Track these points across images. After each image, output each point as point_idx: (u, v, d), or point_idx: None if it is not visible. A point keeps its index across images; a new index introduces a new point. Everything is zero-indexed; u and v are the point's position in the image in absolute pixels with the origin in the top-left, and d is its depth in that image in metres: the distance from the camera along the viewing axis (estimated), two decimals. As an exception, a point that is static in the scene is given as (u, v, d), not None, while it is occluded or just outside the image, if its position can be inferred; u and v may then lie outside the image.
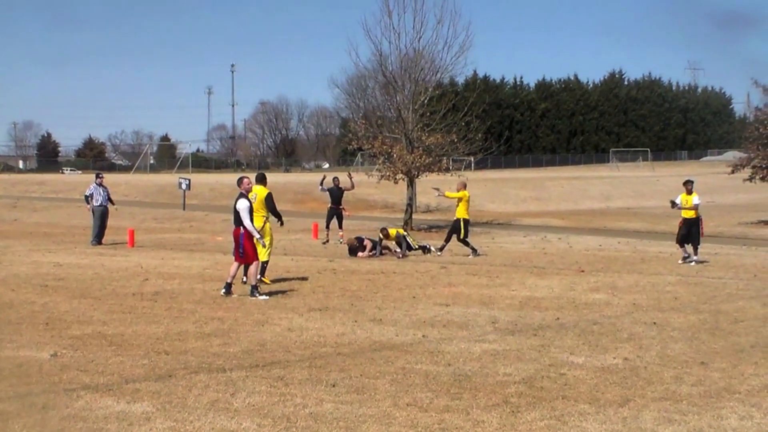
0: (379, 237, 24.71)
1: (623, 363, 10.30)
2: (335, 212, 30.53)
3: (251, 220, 15.55)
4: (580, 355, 10.75)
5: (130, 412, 7.88)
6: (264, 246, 16.53)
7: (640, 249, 27.57)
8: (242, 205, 15.56)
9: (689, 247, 22.30)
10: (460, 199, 24.40)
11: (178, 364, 9.95)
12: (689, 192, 22.64)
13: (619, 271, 20.48)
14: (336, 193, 30.87)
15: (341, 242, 28.18)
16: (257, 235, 15.63)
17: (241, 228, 15.41)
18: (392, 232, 25.03)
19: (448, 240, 24.80)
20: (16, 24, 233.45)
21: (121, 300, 14.92)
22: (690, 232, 22.37)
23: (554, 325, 12.87)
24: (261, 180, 17.65)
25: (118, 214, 29.52)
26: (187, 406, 8.10)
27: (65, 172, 41.75)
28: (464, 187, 24.68)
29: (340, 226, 30.48)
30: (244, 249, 15.37)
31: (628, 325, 12.89)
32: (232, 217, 15.99)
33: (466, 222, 24.39)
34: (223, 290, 15.57)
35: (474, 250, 23.89)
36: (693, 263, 21.81)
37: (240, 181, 16.42)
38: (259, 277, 16.14)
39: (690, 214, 22.36)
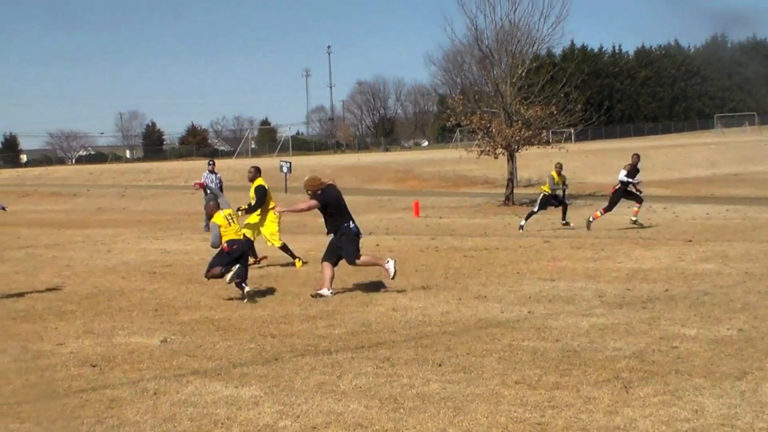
0: None
1: (738, 334, 10.00)
2: None
3: None
4: (692, 327, 10.48)
5: (238, 397, 7.93)
6: None
7: (751, 216, 26.85)
8: None
9: None
10: None
11: (284, 347, 10.00)
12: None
13: (730, 239, 19.98)
14: None
15: None
16: None
17: None
18: None
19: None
20: (120, 17, 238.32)
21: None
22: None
23: (663, 297, 12.58)
24: None
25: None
26: (295, 389, 8.12)
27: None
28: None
29: None
30: None
31: (741, 295, 12.54)
32: None
33: None
34: None
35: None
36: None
37: None
38: None
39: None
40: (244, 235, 14.54)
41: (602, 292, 13.16)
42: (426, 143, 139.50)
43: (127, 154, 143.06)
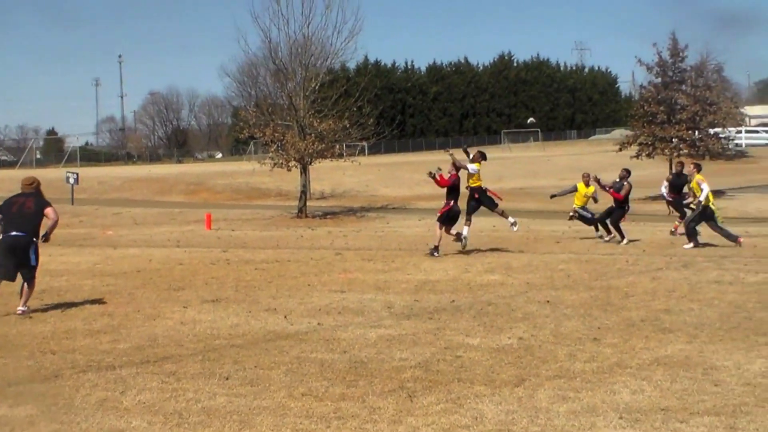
0: None
1: (518, 343, 10.35)
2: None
3: None
4: (476, 336, 10.77)
5: (12, 417, 7.57)
6: None
7: (534, 228, 27.94)
8: None
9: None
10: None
11: (65, 363, 9.63)
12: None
13: (513, 251, 20.68)
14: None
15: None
16: None
17: None
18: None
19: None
20: None
21: (6, 299, 14.36)
22: None
23: (449, 308, 12.89)
24: None
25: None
26: (74, 407, 7.84)
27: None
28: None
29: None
30: None
31: (522, 305, 12.99)
32: None
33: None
34: None
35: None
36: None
37: None
38: None
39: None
40: None
41: (391, 304, 13.34)
42: (220, 155, 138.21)
43: None
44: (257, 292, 14.87)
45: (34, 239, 13.09)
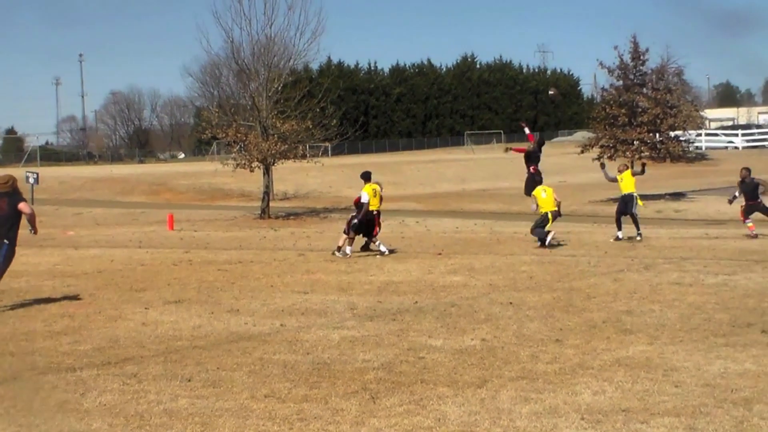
0: None
1: (481, 344, 10.39)
2: None
3: None
4: (439, 337, 10.79)
5: (-29, 419, 7.50)
6: None
7: (496, 230, 28.04)
8: None
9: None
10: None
11: (24, 365, 9.54)
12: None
13: (476, 252, 20.75)
14: None
15: None
16: None
17: None
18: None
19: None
20: None
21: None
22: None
23: (413, 309, 12.90)
24: None
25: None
26: (33, 410, 7.76)
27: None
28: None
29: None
30: None
31: (485, 306, 13.03)
32: None
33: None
34: None
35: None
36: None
37: None
38: None
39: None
40: None
41: (354, 305, 13.34)
42: (183, 155, 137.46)
43: None
44: (220, 293, 14.81)
45: (6, 241, 12.99)
